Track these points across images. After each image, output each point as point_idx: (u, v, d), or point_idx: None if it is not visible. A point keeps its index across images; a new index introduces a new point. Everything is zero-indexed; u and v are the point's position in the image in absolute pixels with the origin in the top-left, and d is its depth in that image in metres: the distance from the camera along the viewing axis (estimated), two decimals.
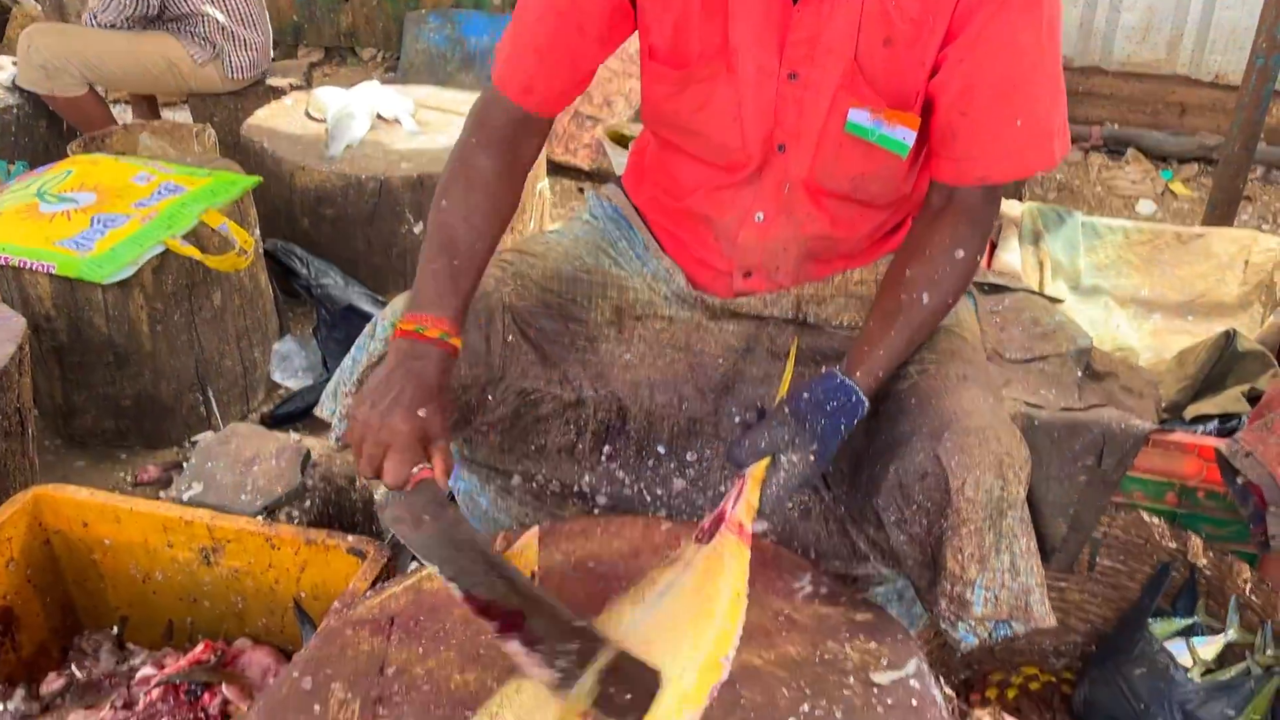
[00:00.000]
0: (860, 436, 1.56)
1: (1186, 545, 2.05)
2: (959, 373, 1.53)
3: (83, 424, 2.90)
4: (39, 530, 1.91)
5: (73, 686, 1.89)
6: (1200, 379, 2.25)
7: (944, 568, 1.42)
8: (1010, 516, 1.40)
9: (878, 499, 1.47)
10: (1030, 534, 1.43)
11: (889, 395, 1.53)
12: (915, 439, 1.43)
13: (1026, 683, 2.18)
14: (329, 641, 1.46)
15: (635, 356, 1.75)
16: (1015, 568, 1.41)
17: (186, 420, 2.96)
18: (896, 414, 1.49)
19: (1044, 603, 1.43)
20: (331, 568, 1.80)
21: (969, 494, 1.37)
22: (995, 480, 1.38)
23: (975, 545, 1.39)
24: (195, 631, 1.96)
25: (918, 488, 1.41)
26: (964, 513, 1.38)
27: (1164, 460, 2.07)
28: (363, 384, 1.68)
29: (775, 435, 1.43)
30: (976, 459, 1.38)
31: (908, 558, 1.48)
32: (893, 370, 1.51)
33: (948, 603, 1.43)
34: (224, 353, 2.99)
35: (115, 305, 2.69)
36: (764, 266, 1.68)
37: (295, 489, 1.98)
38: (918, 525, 1.44)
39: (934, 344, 1.60)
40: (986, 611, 1.41)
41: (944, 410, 1.45)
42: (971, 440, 1.39)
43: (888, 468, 1.45)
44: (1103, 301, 2.73)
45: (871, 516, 1.51)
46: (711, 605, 1.34)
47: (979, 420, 1.42)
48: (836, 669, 1.37)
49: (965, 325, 1.70)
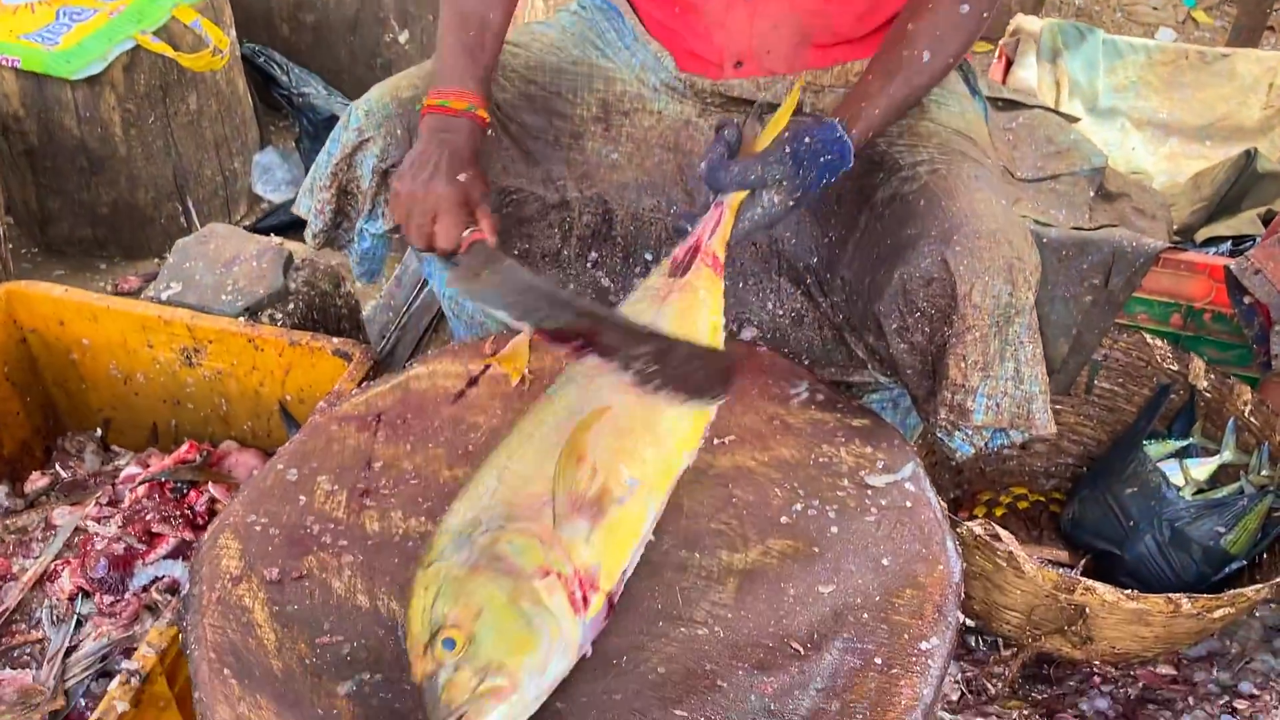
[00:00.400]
0: (865, 240, 1.49)
1: (1188, 367, 2.03)
2: (970, 173, 1.45)
3: (59, 232, 2.82)
4: (14, 328, 1.85)
5: (57, 485, 1.87)
6: (1215, 201, 2.18)
7: (945, 376, 1.37)
8: (1018, 323, 1.34)
9: (879, 305, 1.41)
10: (1037, 340, 1.38)
11: (895, 197, 1.46)
12: (923, 242, 1.36)
13: (1015, 502, 2.18)
14: (314, 435, 1.43)
15: (622, 156, 1.66)
16: (1019, 375, 1.37)
17: (167, 230, 2.86)
18: (904, 216, 1.42)
19: (1046, 410, 1.39)
20: (317, 370, 1.76)
21: (976, 300, 1.32)
22: (1004, 286, 1.32)
23: (980, 353, 1.34)
24: (180, 434, 1.93)
25: (922, 294, 1.36)
26: (970, 319, 1.33)
27: (1172, 281, 2.02)
28: (337, 176, 1.60)
29: (768, 171, 1.35)
30: (986, 263, 1.32)
31: (906, 366, 1.43)
32: (885, 129, 1.44)
33: (947, 411, 1.39)
34: (202, 161, 2.87)
35: (86, 105, 2.57)
36: (755, 52, 1.57)
37: (277, 291, 1.91)
38: (919, 333, 1.39)
39: (945, 144, 1.51)
40: (987, 420, 1.38)
41: (954, 212, 1.37)
42: (982, 244, 1.32)
43: (892, 273, 1.38)
44: (1119, 124, 2.62)
45: (872, 324, 1.46)
46: (693, 339, 1.31)
47: (990, 223, 1.35)
48: (830, 471, 1.35)
49: (975, 127, 1.61)
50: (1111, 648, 1.75)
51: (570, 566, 1.09)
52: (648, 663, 1.11)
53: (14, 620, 1.59)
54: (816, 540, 1.25)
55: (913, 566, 1.22)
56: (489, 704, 0.99)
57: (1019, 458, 2.24)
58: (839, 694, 1.08)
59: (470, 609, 1.04)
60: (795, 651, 1.12)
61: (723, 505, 1.30)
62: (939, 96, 1.62)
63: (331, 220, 1.67)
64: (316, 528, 1.28)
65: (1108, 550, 1.94)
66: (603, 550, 1.12)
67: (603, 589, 1.10)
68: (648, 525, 1.19)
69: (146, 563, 1.62)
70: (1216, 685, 1.79)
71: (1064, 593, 1.66)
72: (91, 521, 1.69)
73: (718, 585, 1.20)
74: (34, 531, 1.72)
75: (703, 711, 1.06)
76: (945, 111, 1.59)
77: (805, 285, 1.62)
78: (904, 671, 1.10)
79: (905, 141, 1.52)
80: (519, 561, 1.08)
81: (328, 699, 1.09)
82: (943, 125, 1.55)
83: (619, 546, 1.15)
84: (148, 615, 1.57)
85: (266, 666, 1.12)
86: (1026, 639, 1.80)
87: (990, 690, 1.83)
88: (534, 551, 1.09)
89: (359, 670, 1.11)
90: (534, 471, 1.18)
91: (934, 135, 1.52)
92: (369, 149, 1.57)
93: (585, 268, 1.70)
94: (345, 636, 1.15)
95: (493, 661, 1.01)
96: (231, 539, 1.26)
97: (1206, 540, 1.81)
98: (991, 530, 1.67)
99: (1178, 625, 1.68)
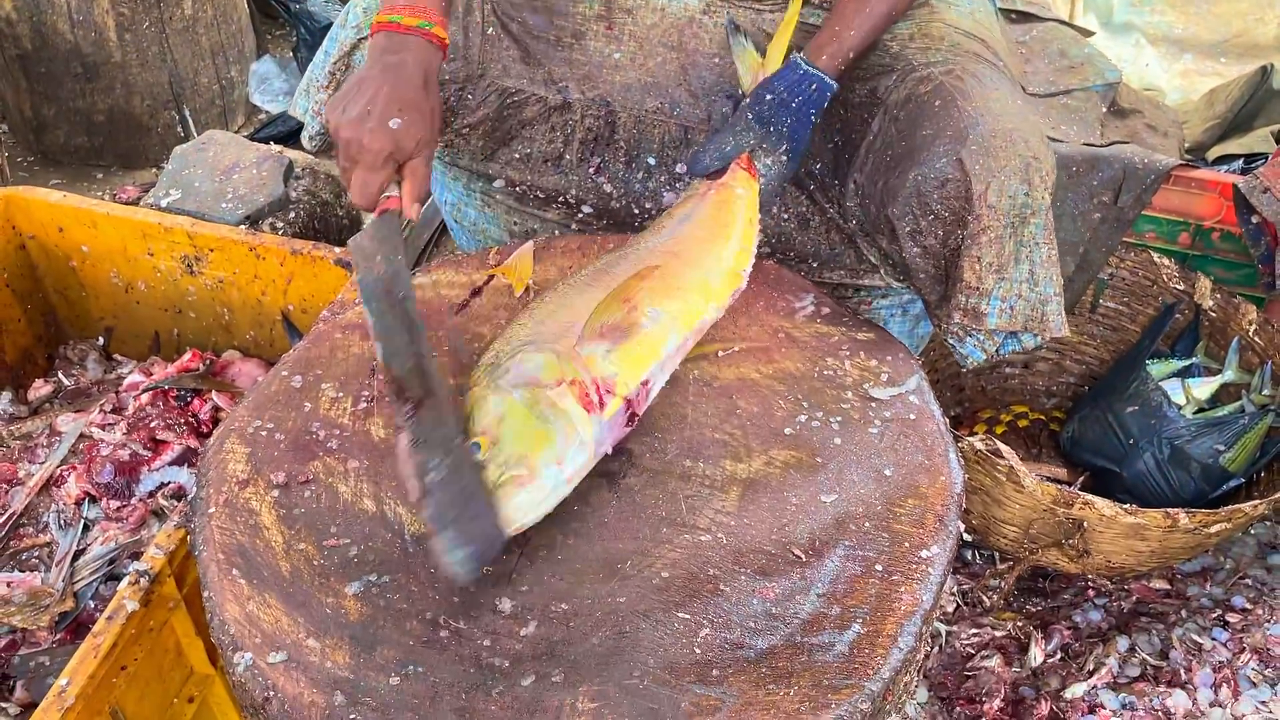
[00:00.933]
0: (879, 143, 1.47)
1: (1194, 287, 2.02)
2: (985, 73, 1.43)
3: (55, 140, 2.78)
4: (13, 234, 1.83)
5: (60, 393, 1.88)
6: (1229, 119, 2.14)
7: (959, 279, 1.36)
8: (1033, 224, 1.33)
9: (893, 208, 1.39)
10: (1052, 242, 1.36)
11: (910, 98, 1.43)
12: (938, 142, 1.34)
13: (1015, 420, 2.19)
14: (318, 343, 1.43)
15: (625, 56, 1.63)
16: (1034, 277, 1.36)
17: (164, 139, 2.83)
18: (918, 117, 1.39)
19: (1060, 314, 1.38)
20: (319, 280, 1.75)
21: (992, 200, 1.30)
22: (1020, 185, 1.30)
23: (995, 254, 1.33)
24: (182, 344, 1.93)
25: (936, 195, 1.34)
26: (985, 220, 1.31)
27: (1182, 199, 2.00)
28: (335, 76, 1.57)
29: (740, 140, 1.40)
30: (1002, 162, 1.30)
31: (920, 271, 1.42)
32: (867, 47, 1.43)
33: (960, 315, 1.38)
34: (199, 69, 2.82)
35: (79, 9, 2.51)
36: None
37: (278, 199, 1.89)
38: (933, 236, 1.38)
39: (957, 45, 1.48)
40: (1000, 323, 1.37)
41: (969, 112, 1.35)
42: (998, 143, 1.30)
43: (906, 175, 1.37)
44: (1134, 39, 2.57)
45: (885, 228, 1.44)
46: (729, 229, 1.40)
47: (1006, 122, 1.33)
48: (835, 384, 1.35)
49: (987, 28, 1.58)
50: (1107, 562, 1.77)
51: (588, 375, 1.19)
52: (652, 567, 1.13)
53: (21, 524, 1.60)
54: (819, 451, 1.25)
55: (915, 477, 1.22)
56: (511, 490, 1.10)
57: (1020, 376, 2.24)
58: (839, 599, 1.09)
59: (494, 417, 1.15)
60: (797, 558, 1.13)
61: (727, 416, 1.30)
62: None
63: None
64: (322, 433, 1.28)
65: (1107, 468, 1.96)
66: (620, 364, 1.22)
67: (619, 394, 1.20)
68: (668, 349, 1.27)
69: (152, 469, 1.63)
70: (1209, 600, 1.81)
71: (1062, 507, 1.68)
72: (96, 428, 1.69)
73: (721, 494, 1.21)
74: (39, 438, 1.73)
75: (705, 614, 1.08)
76: (955, 12, 1.56)
77: (808, 190, 1.60)
78: (904, 578, 1.11)
79: (918, 44, 1.49)
80: (538, 374, 1.19)
81: (335, 599, 1.10)
82: (954, 26, 1.52)
83: (637, 362, 1.23)
84: (154, 520, 1.59)
85: (274, 567, 1.13)
86: (1023, 553, 1.82)
87: (986, 602, 1.86)
88: (552, 366, 1.19)
89: (366, 571, 1.13)
90: (567, 313, 1.27)
91: (946, 36, 1.49)
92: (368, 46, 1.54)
93: (588, 173, 1.68)
94: (352, 539, 1.16)
95: (513, 456, 1.12)
96: (238, 443, 1.26)
97: (1206, 458, 1.82)
98: (992, 445, 1.68)
99: (1174, 540, 1.70)
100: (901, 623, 1.07)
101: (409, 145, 1.24)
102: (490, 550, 1.07)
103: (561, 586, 1.11)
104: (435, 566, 1.08)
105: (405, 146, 1.23)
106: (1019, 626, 1.80)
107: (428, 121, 1.26)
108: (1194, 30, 2.61)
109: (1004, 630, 1.80)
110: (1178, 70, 2.52)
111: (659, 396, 1.31)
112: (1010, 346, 1.40)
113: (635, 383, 1.22)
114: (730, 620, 1.07)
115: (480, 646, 1.06)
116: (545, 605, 1.09)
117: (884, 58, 1.49)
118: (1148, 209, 1.97)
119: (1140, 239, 2.08)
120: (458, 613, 1.08)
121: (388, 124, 1.22)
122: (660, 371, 1.27)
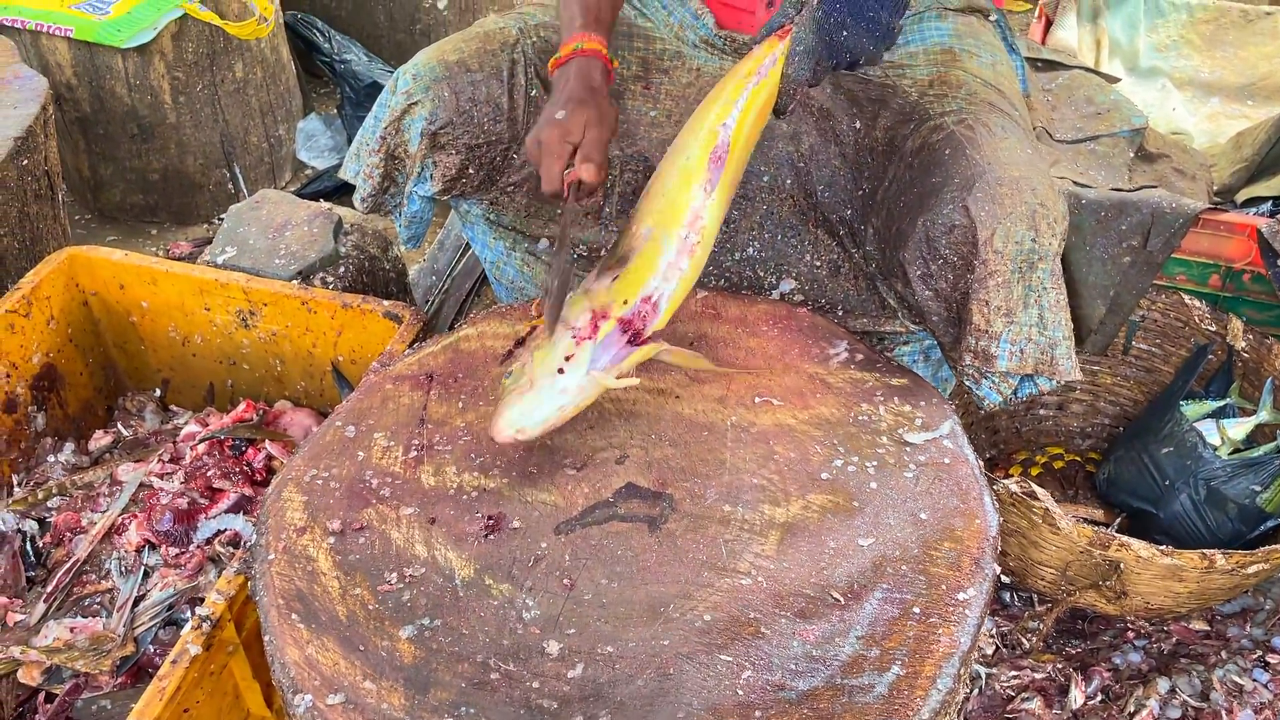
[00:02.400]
0: (893, 189, 1.52)
1: (1226, 328, 2.03)
2: (997, 123, 1.47)
3: (111, 198, 2.89)
4: (76, 291, 1.92)
5: (120, 443, 1.94)
6: (1257, 161, 2.16)
7: (969, 321, 1.40)
8: (1041, 269, 1.37)
9: (904, 252, 1.44)
10: (1061, 287, 1.40)
11: (923, 146, 1.48)
12: (946, 189, 1.39)
13: (1051, 461, 2.21)
14: (370, 394, 1.48)
15: (661, 114, 1.70)
16: (1043, 321, 1.39)
17: (215, 197, 2.93)
18: (930, 165, 1.45)
19: (1071, 357, 1.41)
20: (368, 332, 1.81)
21: (998, 246, 1.34)
22: (1027, 231, 1.34)
23: (1003, 298, 1.37)
24: (236, 394, 2.00)
25: (944, 241, 1.38)
26: (992, 265, 1.35)
27: (1211, 242, 2.02)
28: (385, 140, 1.64)
29: (785, 9, 1.48)
30: (1008, 209, 1.34)
31: (932, 313, 1.46)
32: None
33: (972, 358, 1.42)
34: (249, 128, 2.93)
35: (136, 74, 2.62)
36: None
37: (329, 255, 1.97)
38: (943, 280, 1.42)
39: (973, 94, 1.53)
40: (1011, 366, 1.40)
41: (977, 160, 1.40)
42: (1004, 190, 1.35)
43: (916, 220, 1.42)
44: (1160, 84, 2.60)
45: (899, 271, 1.49)
46: (718, 93, 1.48)
47: (1013, 170, 1.37)
48: (870, 429, 1.38)
49: (1005, 80, 1.63)
50: (1145, 603, 1.78)
51: (590, 310, 1.35)
52: (694, 610, 1.16)
53: (85, 571, 1.66)
54: (856, 495, 1.29)
55: (950, 520, 1.25)
56: (511, 398, 1.30)
57: (1055, 417, 2.26)
58: (879, 641, 1.12)
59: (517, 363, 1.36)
60: (836, 601, 1.17)
61: (764, 461, 1.34)
62: (972, 47, 1.63)
63: (379, 184, 1.71)
64: (375, 481, 1.33)
65: (1143, 509, 1.97)
66: (615, 291, 1.36)
67: (613, 316, 1.34)
68: (664, 260, 1.38)
69: (209, 516, 1.68)
70: (1249, 640, 1.81)
71: (1098, 548, 1.69)
72: (155, 477, 1.76)
73: (760, 538, 1.24)
74: (100, 487, 1.80)
75: (747, 657, 1.11)
76: (976, 62, 1.61)
77: (839, 236, 1.65)
78: (942, 620, 1.14)
79: (936, 90, 1.54)
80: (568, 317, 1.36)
81: (390, 642, 1.14)
82: (973, 75, 1.57)
83: (632, 282, 1.36)
84: (210, 566, 1.64)
85: (331, 611, 1.17)
86: (1061, 595, 1.83)
87: (1025, 644, 1.87)
88: (578, 303, 1.36)
89: (419, 615, 1.17)
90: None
91: (965, 84, 1.54)
92: (417, 112, 1.61)
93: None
94: (405, 584, 1.21)
95: (521, 373, 1.33)
96: (295, 492, 1.32)
97: (1242, 498, 1.83)
98: (1027, 487, 1.70)
99: (1211, 581, 1.71)
100: (940, 664, 1.10)
101: (577, 130, 1.43)
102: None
103: (607, 629, 1.15)
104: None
105: (573, 128, 1.43)
106: (1059, 668, 1.81)
107: (592, 111, 1.45)
108: (1220, 74, 2.63)
109: (1044, 672, 1.81)
110: (1205, 113, 2.54)
111: (700, 444, 1.35)
112: (1027, 389, 1.43)
113: (634, 301, 1.36)
114: (771, 662, 1.10)
115: (529, 689, 1.10)
116: (591, 648, 1.13)
117: (904, 106, 1.55)
118: (1177, 252, 2.00)
119: (1171, 281, 2.10)
120: (508, 655, 1.13)
121: (555, 117, 1.43)
122: (664, 282, 1.38)
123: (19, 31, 2.56)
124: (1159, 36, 2.70)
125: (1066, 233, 1.39)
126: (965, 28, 1.67)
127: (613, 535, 1.25)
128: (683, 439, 1.37)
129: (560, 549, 1.24)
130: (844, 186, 1.62)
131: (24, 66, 2.17)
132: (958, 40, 1.63)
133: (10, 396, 1.83)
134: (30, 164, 2.04)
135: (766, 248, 1.66)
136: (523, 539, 1.25)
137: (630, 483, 1.31)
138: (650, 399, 1.43)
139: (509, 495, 1.31)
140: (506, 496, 1.31)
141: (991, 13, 1.77)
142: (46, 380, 1.89)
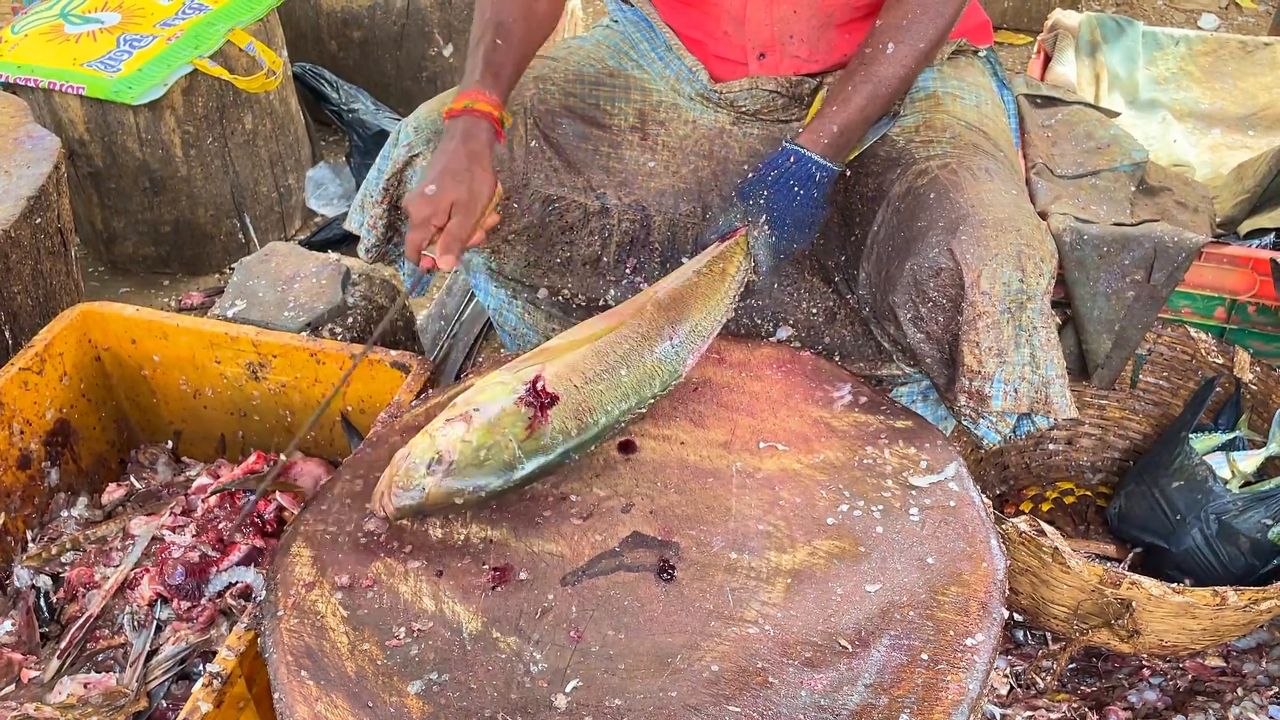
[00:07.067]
0: (881, 235, 1.53)
1: (1233, 360, 2.03)
2: (981, 166, 1.49)
3: (124, 251, 2.93)
4: (89, 346, 1.94)
5: (132, 496, 1.96)
6: (1259, 193, 2.17)
7: (961, 363, 1.41)
8: (1030, 309, 1.37)
9: (894, 296, 1.46)
10: (1051, 326, 1.41)
11: (909, 191, 1.50)
12: (931, 233, 1.40)
13: (1061, 497, 2.20)
14: (377, 446, 1.50)
15: (659, 164, 1.72)
16: (1035, 360, 1.40)
17: (226, 247, 2.97)
18: (915, 209, 1.46)
19: (1065, 394, 1.42)
20: (376, 382, 1.83)
21: (985, 287, 1.35)
22: (1014, 272, 1.35)
23: (993, 339, 1.38)
24: (247, 445, 2.01)
25: (932, 284, 1.40)
26: (980, 306, 1.36)
27: (1215, 274, 2.02)
28: (388, 192, 1.67)
29: (729, 215, 1.50)
30: (993, 250, 1.35)
31: (925, 355, 1.47)
32: (856, 125, 1.48)
33: (967, 398, 1.43)
34: (259, 179, 2.97)
35: (148, 128, 2.67)
36: (778, 41, 1.62)
37: (336, 306, 1.99)
38: (934, 323, 1.43)
39: (958, 137, 1.55)
40: (1006, 405, 1.41)
41: (960, 204, 1.41)
42: (988, 232, 1.36)
43: (904, 265, 1.43)
44: (1160, 116, 2.61)
45: (890, 314, 1.50)
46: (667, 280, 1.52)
47: (997, 212, 1.39)
48: (875, 472, 1.39)
49: (991, 121, 1.64)
50: (1159, 641, 1.76)
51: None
52: (701, 660, 1.16)
53: (98, 626, 1.67)
54: (862, 540, 1.29)
55: (957, 564, 1.25)
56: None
57: (1064, 452, 2.25)
58: (887, 689, 1.12)
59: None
60: (844, 649, 1.17)
61: (770, 507, 1.34)
62: (955, 89, 1.65)
63: (383, 235, 1.74)
64: (383, 535, 1.34)
65: (1155, 544, 1.96)
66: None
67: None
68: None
69: (220, 569, 1.69)
70: (1265, 676, 1.79)
71: (1109, 587, 1.68)
72: (167, 531, 1.77)
73: (767, 585, 1.24)
74: (113, 541, 1.81)
75: (755, 707, 1.11)
76: (960, 105, 1.62)
77: (834, 283, 1.66)
78: (950, 667, 1.14)
79: (921, 136, 1.56)
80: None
81: (398, 698, 1.15)
82: (957, 118, 1.58)
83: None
84: (223, 619, 1.65)
85: (340, 668, 1.18)
86: (1074, 633, 1.82)
87: (1039, 684, 1.85)
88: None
89: (427, 670, 1.17)
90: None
91: (948, 128, 1.56)
92: (419, 164, 1.64)
93: (624, 273, 1.75)
94: (413, 639, 1.21)
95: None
96: (304, 547, 1.33)
97: (1254, 532, 1.82)
98: (1037, 526, 1.70)
99: (1225, 618, 1.70)
100: (949, 712, 1.10)
101: (444, 207, 1.41)
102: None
103: (614, 682, 1.15)
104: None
105: (441, 208, 1.41)
106: (1074, 708, 1.80)
107: (464, 190, 1.42)
108: (1221, 105, 2.64)
109: (1059, 712, 1.79)
110: (1206, 145, 2.55)
111: (705, 491, 1.36)
112: (1025, 428, 1.44)
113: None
114: (779, 713, 1.10)
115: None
116: (599, 701, 1.13)
117: (891, 152, 1.56)
118: (1182, 285, 2.00)
119: (1177, 314, 2.11)
120: (515, 710, 1.13)
121: (425, 192, 1.41)
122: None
123: (32, 90, 2.60)
124: (1158, 69, 2.72)
125: (1055, 271, 1.40)
126: (950, 69, 1.70)
127: (619, 585, 1.25)
128: (688, 486, 1.38)
129: (567, 600, 1.24)
130: (836, 233, 1.64)
131: (37, 126, 2.21)
132: (941, 83, 1.66)
133: (24, 453, 1.85)
134: (44, 222, 2.07)
135: (763, 295, 1.67)
136: (530, 591, 1.26)
137: (636, 531, 1.32)
138: (655, 445, 1.44)
139: (515, 546, 1.32)
140: (513, 547, 1.31)
141: (980, 49, 1.79)
142: (60, 435, 1.91)
